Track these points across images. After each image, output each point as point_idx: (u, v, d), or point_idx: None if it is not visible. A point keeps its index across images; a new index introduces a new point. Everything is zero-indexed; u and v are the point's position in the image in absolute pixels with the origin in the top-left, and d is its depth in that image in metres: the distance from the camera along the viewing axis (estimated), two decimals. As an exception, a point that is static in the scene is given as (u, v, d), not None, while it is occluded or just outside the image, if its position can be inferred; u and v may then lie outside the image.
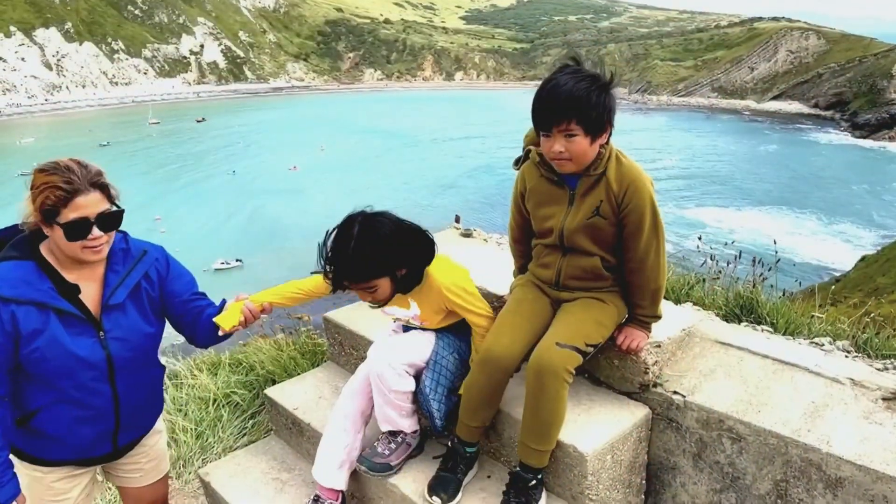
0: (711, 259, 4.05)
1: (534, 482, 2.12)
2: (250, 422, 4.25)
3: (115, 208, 1.96)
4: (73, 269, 1.96)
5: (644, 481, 2.35)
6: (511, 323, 2.20)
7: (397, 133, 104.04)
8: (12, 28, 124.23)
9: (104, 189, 1.93)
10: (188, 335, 2.23)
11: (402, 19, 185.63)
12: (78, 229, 1.86)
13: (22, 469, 2.06)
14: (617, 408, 2.27)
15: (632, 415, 2.24)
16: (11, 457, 2.00)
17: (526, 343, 2.14)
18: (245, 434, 4.16)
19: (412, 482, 2.27)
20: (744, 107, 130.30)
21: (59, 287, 1.92)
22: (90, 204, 1.87)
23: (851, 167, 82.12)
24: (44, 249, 1.96)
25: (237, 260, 48.68)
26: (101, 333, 1.97)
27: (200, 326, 2.17)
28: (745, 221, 60.99)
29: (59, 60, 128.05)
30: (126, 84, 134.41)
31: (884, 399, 2.02)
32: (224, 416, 4.23)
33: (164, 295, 2.13)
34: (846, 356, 2.47)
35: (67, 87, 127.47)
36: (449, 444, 2.31)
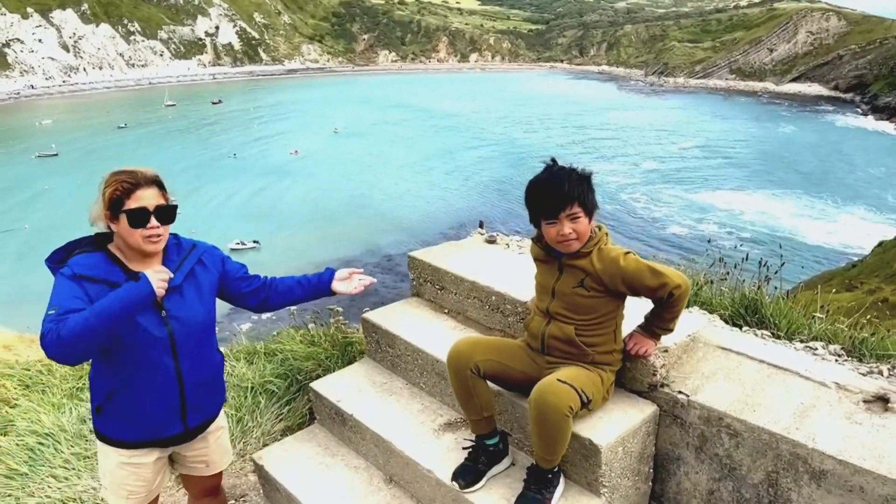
0: (720, 261, 4.29)
1: (551, 474, 2.41)
2: (286, 408, 4.54)
3: (169, 203, 2.28)
4: (136, 261, 2.26)
5: (651, 470, 2.64)
6: (491, 339, 2.62)
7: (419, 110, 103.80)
8: (29, 9, 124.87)
9: (161, 186, 2.26)
10: (251, 304, 2.59)
11: (417, 0, 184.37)
12: (139, 217, 2.17)
13: (108, 452, 2.37)
14: (628, 405, 2.55)
15: (641, 412, 2.52)
16: (98, 443, 2.36)
17: (485, 358, 2.48)
18: (281, 420, 4.46)
19: (447, 471, 2.57)
20: (762, 89, 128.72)
21: (125, 271, 2.23)
22: (149, 197, 2.19)
23: (870, 150, 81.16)
24: (111, 246, 2.27)
25: (254, 241, 49.26)
26: (163, 312, 2.27)
27: (259, 295, 2.58)
28: (761, 205, 60.65)
29: (76, 42, 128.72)
30: (142, 66, 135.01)
31: (864, 401, 2.29)
32: (262, 403, 4.53)
33: (222, 276, 2.49)
34: (836, 360, 2.74)
35: (84, 69, 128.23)
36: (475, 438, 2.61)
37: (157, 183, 2.24)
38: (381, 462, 2.90)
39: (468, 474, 2.50)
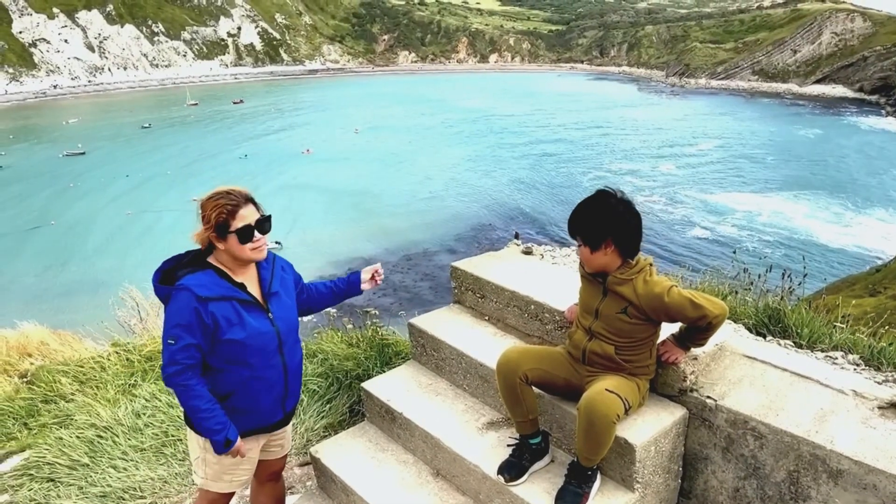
0: (745, 272, 4.49)
1: (590, 471, 2.64)
2: (327, 406, 4.80)
3: (265, 214, 2.57)
4: (237, 272, 2.57)
5: (681, 468, 2.86)
6: (536, 349, 2.87)
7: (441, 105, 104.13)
8: (56, 10, 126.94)
9: (254, 202, 2.55)
10: (307, 309, 2.97)
11: (438, 1, 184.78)
12: (245, 233, 2.47)
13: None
14: (660, 408, 2.78)
15: (672, 414, 2.75)
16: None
17: (532, 367, 2.71)
18: (323, 417, 4.72)
19: (492, 466, 2.81)
20: (785, 90, 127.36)
21: (233, 285, 2.54)
22: (249, 214, 2.49)
23: (895, 153, 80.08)
24: (212, 261, 2.55)
25: (276, 242, 49.74)
26: (270, 315, 2.60)
27: (300, 297, 2.89)
28: (783, 207, 60.11)
29: (101, 42, 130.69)
30: (166, 66, 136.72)
31: (879, 408, 2.50)
32: (304, 401, 4.79)
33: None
34: (854, 369, 2.94)
35: (109, 69, 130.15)
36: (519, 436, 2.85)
37: (251, 200, 2.53)
38: (429, 457, 3.14)
39: (512, 469, 2.74)
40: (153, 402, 4.99)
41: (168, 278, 2.50)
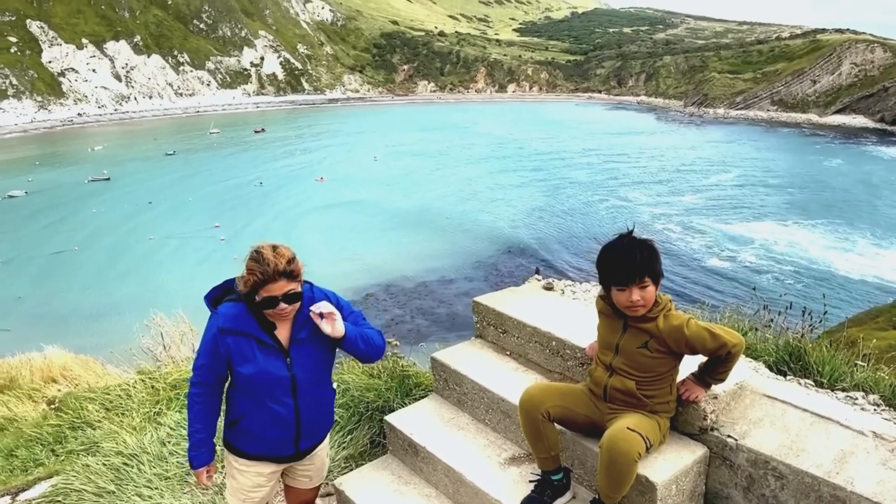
0: (764, 308, 4.51)
1: (611, 508, 2.68)
2: (348, 437, 4.85)
3: (298, 288, 2.64)
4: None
5: (702, 507, 2.88)
6: (558, 386, 2.93)
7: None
8: (84, 40, 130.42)
9: (290, 275, 2.60)
10: (359, 356, 2.82)
11: (457, 32, 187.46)
12: (268, 304, 2.59)
13: (232, 461, 2.85)
14: (681, 446, 2.81)
15: (693, 453, 2.78)
16: (225, 450, 2.82)
17: (554, 404, 2.77)
18: (344, 448, 4.77)
19: (514, 502, 2.85)
20: (805, 120, 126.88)
21: (261, 323, 2.66)
22: (277, 289, 2.58)
23: (917, 184, 79.23)
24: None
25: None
26: (288, 360, 2.69)
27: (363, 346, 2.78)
28: (803, 238, 59.52)
29: (128, 72, 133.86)
30: (190, 95, 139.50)
31: (900, 450, 2.52)
32: (326, 432, 4.83)
33: None
34: (874, 409, 2.96)
35: (135, 98, 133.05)
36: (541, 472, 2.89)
37: (286, 274, 2.57)
38: (451, 491, 3.19)
39: None
40: (178, 431, 5.07)
41: (219, 300, 2.74)
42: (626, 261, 2.59)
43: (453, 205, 69.52)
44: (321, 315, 2.65)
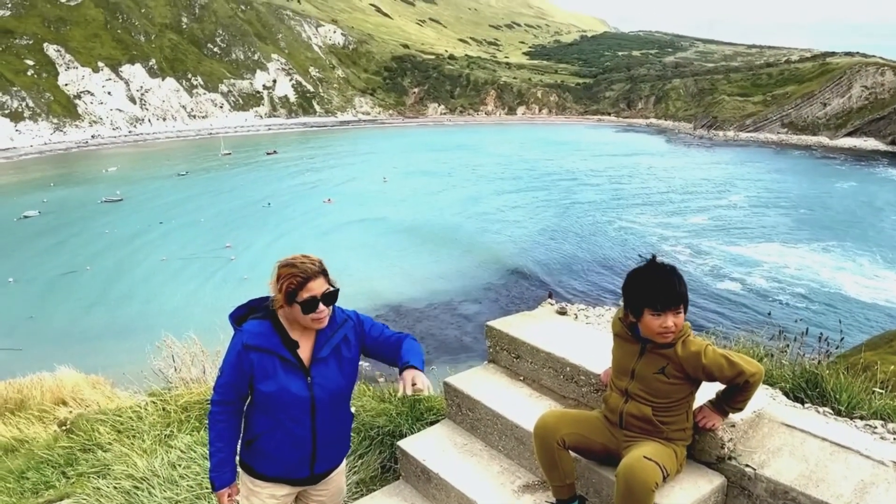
0: (780, 334, 4.46)
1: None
2: (359, 461, 4.83)
3: (332, 288, 2.67)
4: (296, 331, 2.71)
5: (719, 537, 2.83)
6: (573, 413, 2.91)
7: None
8: (100, 64, 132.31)
9: (325, 275, 2.67)
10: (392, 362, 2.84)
11: (467, 55, 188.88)
12: (310, 305, 2.60)
13: (246, 481, 2.83)
14: (698, 475, 2.77)
15: (710, 482, 2.74)
16: (240, 470, 2.79)
17: (569, 431, 2.75)
18: (355, 472, 4.74)
19: (528, 528, 2.82)
20: (815, 143, 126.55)
21: (284, 341, 2.67)
22: (317, 287, 2.61)
23: (930, 207, 78.66)
24: (280, 314, 2.70)
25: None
26: (309, 378, 2.69)
27: (398, 351, 2.81)
28: (816, 260, 59.16)
29: (142, 95, 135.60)
30: (203, 117, 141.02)
31: (922, 481, 2.48)
32: (337, 456, 4.79)
33: (365, 346, 2.84)
34: (894, 438, 2.91)
35: (149, 120, 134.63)
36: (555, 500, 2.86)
37: (322, 273, 2.65)
38: (465, 519, 3.15)
39: None
40: (189, 454, 5.04)
41: (244, 318, 2.74)
42: (668, 287, 2.59)
43: (462, 225, 69.66)
44: (413, 384, 2.63)
